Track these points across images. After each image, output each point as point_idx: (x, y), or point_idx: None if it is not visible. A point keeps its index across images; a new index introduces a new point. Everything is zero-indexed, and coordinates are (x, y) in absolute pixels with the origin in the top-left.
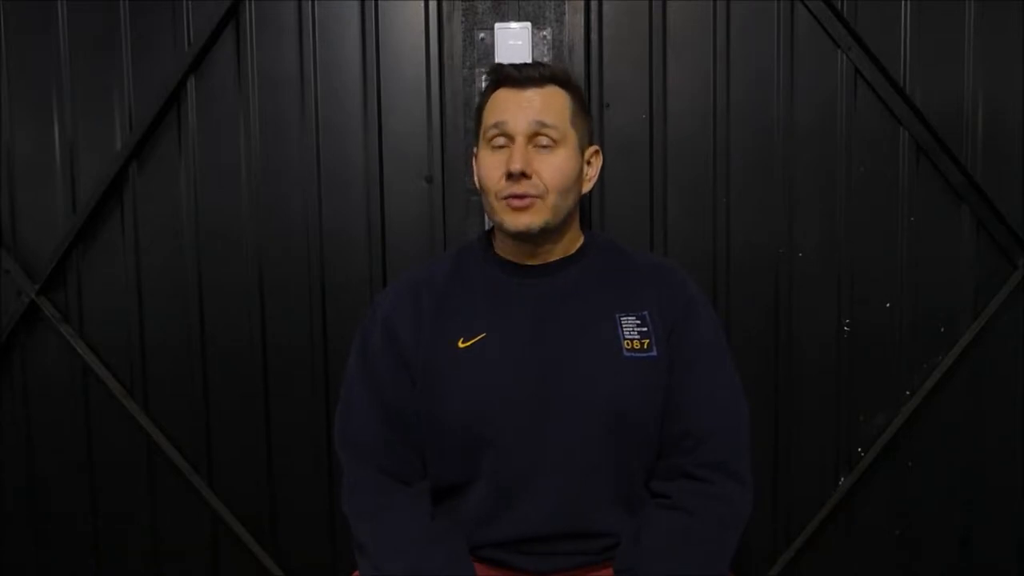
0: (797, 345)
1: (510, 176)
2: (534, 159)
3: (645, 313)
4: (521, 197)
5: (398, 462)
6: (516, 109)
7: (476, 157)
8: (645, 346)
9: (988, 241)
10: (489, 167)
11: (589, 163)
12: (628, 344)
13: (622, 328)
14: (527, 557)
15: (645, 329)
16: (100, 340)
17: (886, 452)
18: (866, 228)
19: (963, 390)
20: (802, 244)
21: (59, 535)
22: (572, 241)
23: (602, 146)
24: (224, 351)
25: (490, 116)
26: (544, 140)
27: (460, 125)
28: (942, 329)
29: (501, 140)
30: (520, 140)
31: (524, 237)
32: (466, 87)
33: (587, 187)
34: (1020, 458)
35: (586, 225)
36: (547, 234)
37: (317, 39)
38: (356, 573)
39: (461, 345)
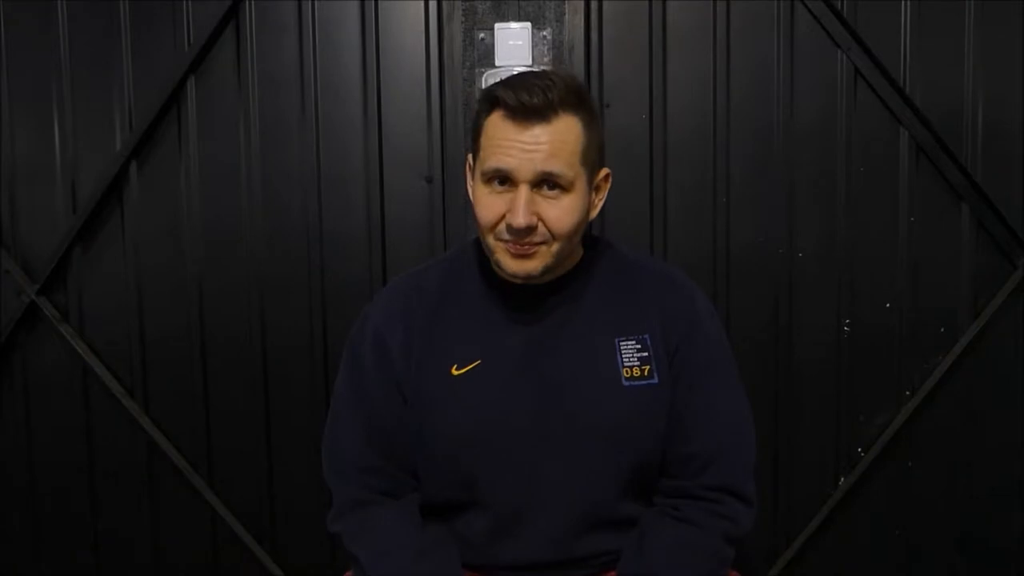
0: (797, 345)
1: (510, 228)
2: (540, 205)
3: (646, 337)
4: (522, 245)
5: (387, 481)
6: (520, 154)
7: (472, 181)
8: (646, 372)
9: (988, 241)
10: (487, 207)
11: (598, 188)
12: (628, 372)
13: (621, 354)
14: (528, 573)
15: (646, 354)
16: (100, 340)
17: (886, 452)
18: (866, 228)
19: (963, 390)
20: (802, 244)
21: (59, 535)
22: (572, 258)
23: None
24: (224, 351)
25: (489, 154)
26: (551, 186)
27: (460, 125)
28: (942, 329)
29: (499, 185)
30: (524, 189)
31: (521, 278)
32: (466, 87)
33: (593, 214)
34: (1020, 458)
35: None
36: (546, 273)
37: (317, 39)
38: (349, 573)
39: (455, 372)
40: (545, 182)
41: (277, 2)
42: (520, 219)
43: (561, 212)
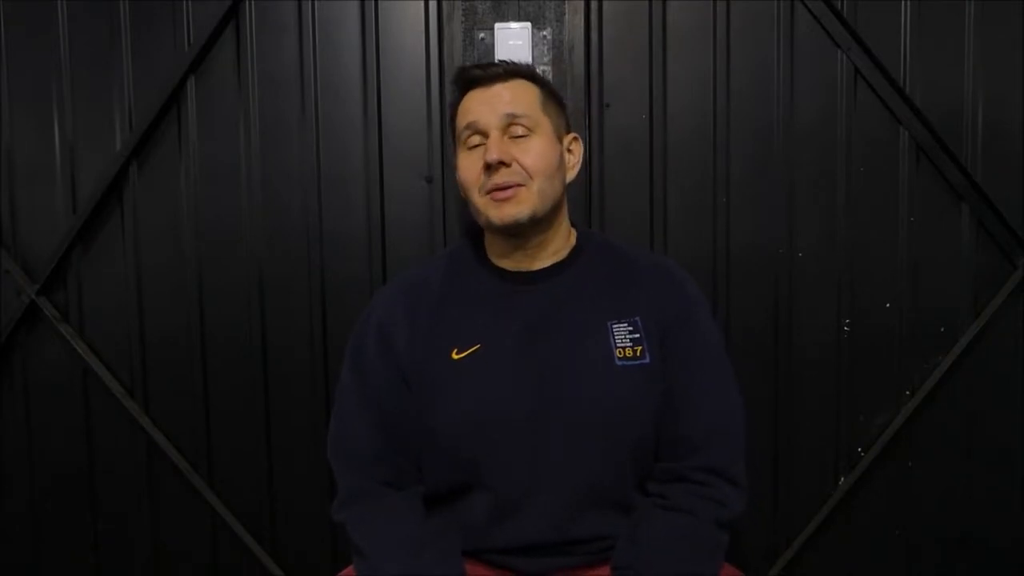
0: (797, 345)
1: (488, 168)
2: (511, 147)
3: (637, 319)
4: (504, 188)
5: (392, 470)
6: (485, 106)
7: (456, 163)
8: (638, 353)
9: (988, 241)
10: (467, 167)
11: (570, 151)
12: (620, 352)
13: (614, 336)
14: (526, 560)
15: (637, 336)
16: (100, 340)
17: (886, 452)
18: (866, 228)
19: (963, 390)
20: (802, 244)
21: (59, 535)
22: (564, 241)
23: (602, 146)
24: (224, 351)
25: (462, 119)
26: (518, 130)
27: None
28: (942, 329)
29: (476, 139)
30: (494, 133)
31: (513, 230)
32: None
33: (571, 175)
34: (1020, 458)
35: (585, 225)
36: (536, 225)
37: (317, 39)
38: (349, 569)
39: (455, 357)
40: (511, 126)
41: (277, 2)
42: (492, 153)
43: (531, 150)
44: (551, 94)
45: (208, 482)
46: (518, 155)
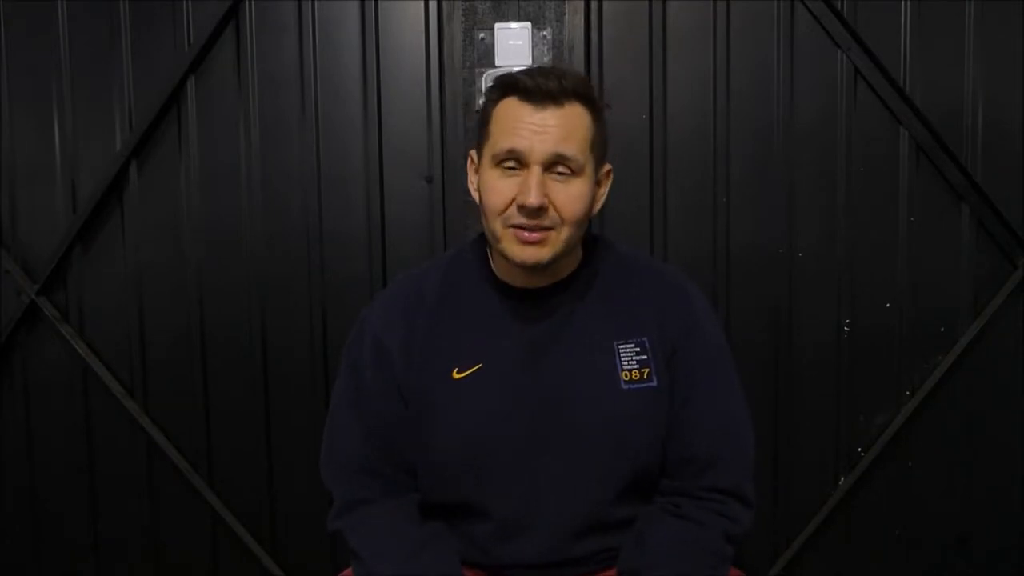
0: (797, 345)
1: (522, 207)
2: (550, 188)
3: (645, 340)
4: (532, 230)
5: (387, 481)
6: (532, 136)
7: (478, 169)
8: (645, 375)
9: (988, 241)
10: (497, 191)
11: (598, 183)
12: (627, 375)
13: (620, 358)
14: (527, 572)
15: (645, 357)
16: (100, 340)
17: (886, 452)
18: (866, 228)
19: (963, 390)
20: (802, 244)
21: (59, 535)
22: (574, 259)
23: None
24: (224, 351)
25: (501, 137)
26: (562, 171)
27: (460, 125)
28: (942, 329)
29: (513, 164)
30: (536, 170)
31: (528, 269)
32: (466, 87)
33: (595, 208)
34: (1020, 458)
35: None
36: (553, 263)
37: (317, 39)
38: (349, 570)
39: (456, 376)
40: (556, 164)
41: (277, 2)
42: (532, 198)
43: (571, 195)
44: (601, 120)
45: (208, 482)
46: (555, 198)
